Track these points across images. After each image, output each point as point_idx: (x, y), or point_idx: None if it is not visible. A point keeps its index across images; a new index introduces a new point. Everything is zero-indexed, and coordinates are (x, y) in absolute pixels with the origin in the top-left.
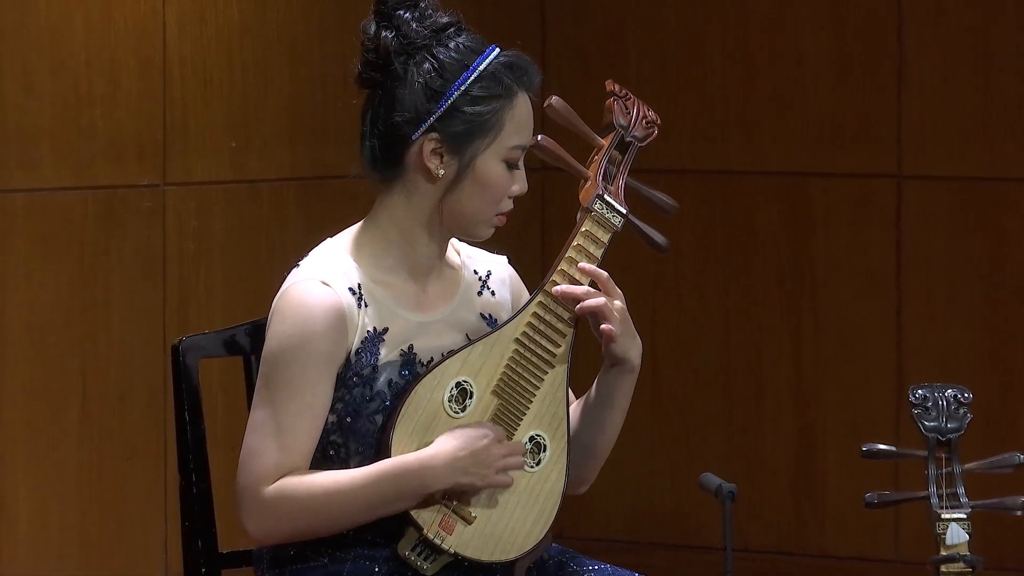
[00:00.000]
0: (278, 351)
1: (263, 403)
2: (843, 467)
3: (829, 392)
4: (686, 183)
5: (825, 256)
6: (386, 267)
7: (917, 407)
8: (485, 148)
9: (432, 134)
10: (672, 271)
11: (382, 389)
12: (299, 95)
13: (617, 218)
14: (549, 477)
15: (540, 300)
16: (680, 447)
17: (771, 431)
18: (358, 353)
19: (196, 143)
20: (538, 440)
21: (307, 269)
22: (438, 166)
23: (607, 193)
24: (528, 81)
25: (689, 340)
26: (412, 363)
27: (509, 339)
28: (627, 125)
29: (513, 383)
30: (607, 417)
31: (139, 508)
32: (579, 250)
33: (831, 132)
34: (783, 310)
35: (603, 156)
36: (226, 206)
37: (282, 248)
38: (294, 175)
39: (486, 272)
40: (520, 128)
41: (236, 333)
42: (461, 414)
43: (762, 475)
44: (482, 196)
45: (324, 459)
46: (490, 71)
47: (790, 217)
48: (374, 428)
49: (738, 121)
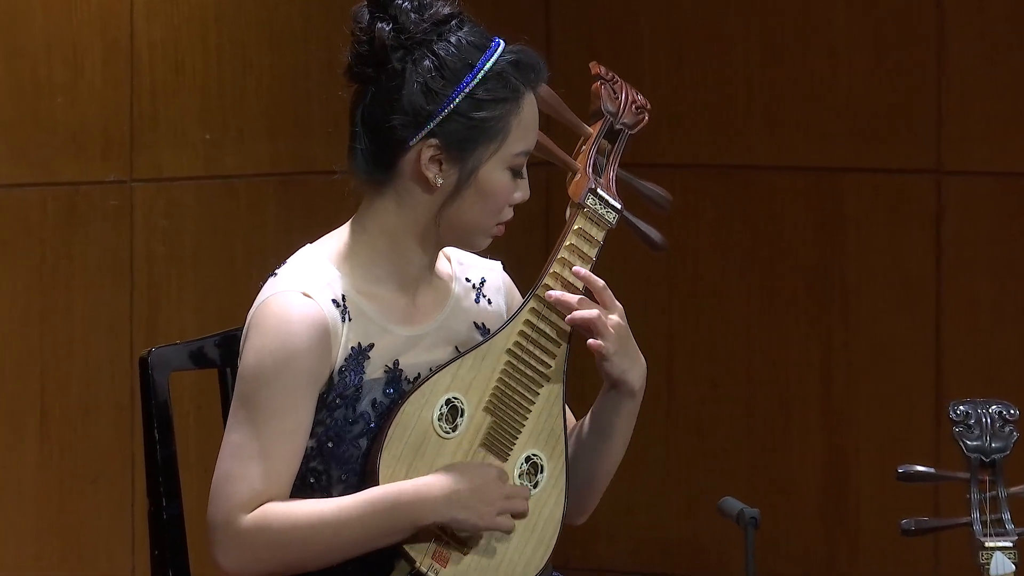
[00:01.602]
0: (256, 369)
1: (240, 425)
2: (877, 491)
3: (862, 408)
4: (704, 179)
5: (857, 260)
6: (373, 278)
7: (958, 425)
8: (489, 156)
9: (431, 140)
10: (689, 276)
11: (366, 410)
12: (280, 82)
13: (611, 214)
14: (547, 501)
15: (532, 306)
16: (697, 468)
17: (798, 451)
18: (342, 372)
19: (166, 135)
20: (535, 460)
21: (287, 279)
22: (437, 175)
23: (599, 187)
24: (535, 79)
25: (707, 351)
26: (397, 380)
27: (500, 350)
28: (616, 111)
29: (506, 398)
30: (605, 445)
31: (104, 536)
32: (572, 250)
33: (864, 123)
34: (811, 319)
35: (592, 146)
36: (199, 205)
37: (260, 251)
38: (274, 171)
39: (479, 279)
40: (526, 133)
41: (210, 344)
42: (452, 434)
43: (788, 499)
44: (483, 206)
45: (303, 487)
46: (496, 71)
47: (819, 217)
48: (358, 453)
49: (762, 111)
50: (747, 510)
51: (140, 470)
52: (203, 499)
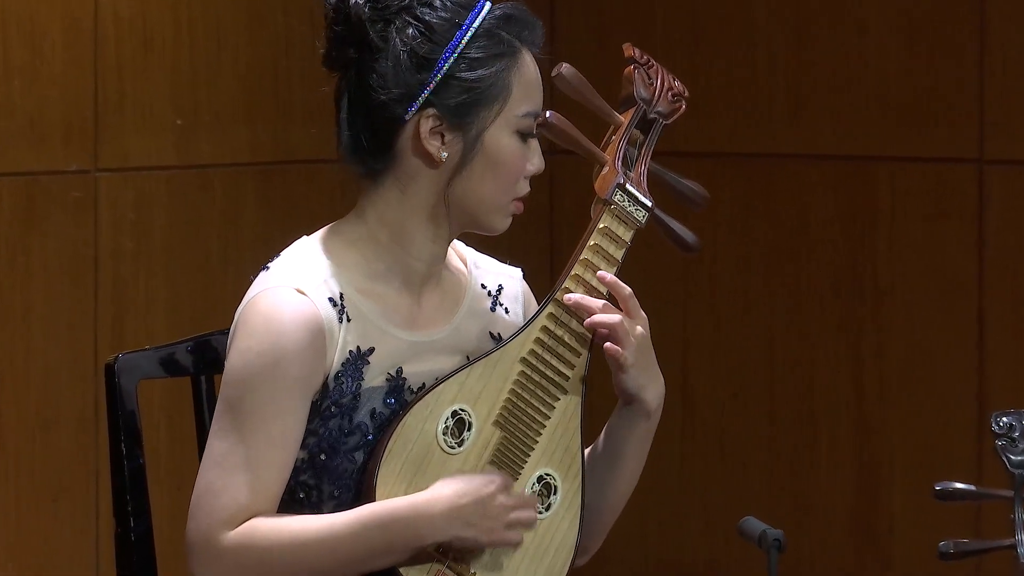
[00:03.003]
0: (244, 372)
1: (224, 432)
2: (912, 510)
3: (896, 420)
4: (723, 170)
5: (891, 257)
6: (374, 274)
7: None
8: (493, 118)
9: (428, 110)
10: (706, 275)
11: (363, 421)
12: (258, 62)
13: (641, 212)
14: (560, 525)
15: (550, 312)
16: (716, 486)
17: (826, 467)
18: (337, 377)
19: (134, 120)
20: (548, 480)
21: (279, 273)
22: (440, 147)
23: (629, 182)
24: (530, 36)
25: (726, 358)
26: (400, 390)
27: (514, 359)
28: (650, 99)
29: (519, 412)
30: (615, 470)
31: (65, 559)
32: (596, 251)
33: (899, 109)
34: (840, 322)
35: (622, 137)
36: (170, 197)
37: (237, 248)
38: (253, 159)
39: (496, 286)
40: (529, 91)
41: (182, 350)
42: (458, 449)
43: (815, 520)
44: (496, 177)
45: (292, 503)
46: (485, 27)
47: (849, 210)
48: (353, 468)
49: (787, 96)
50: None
51: (105, 487)
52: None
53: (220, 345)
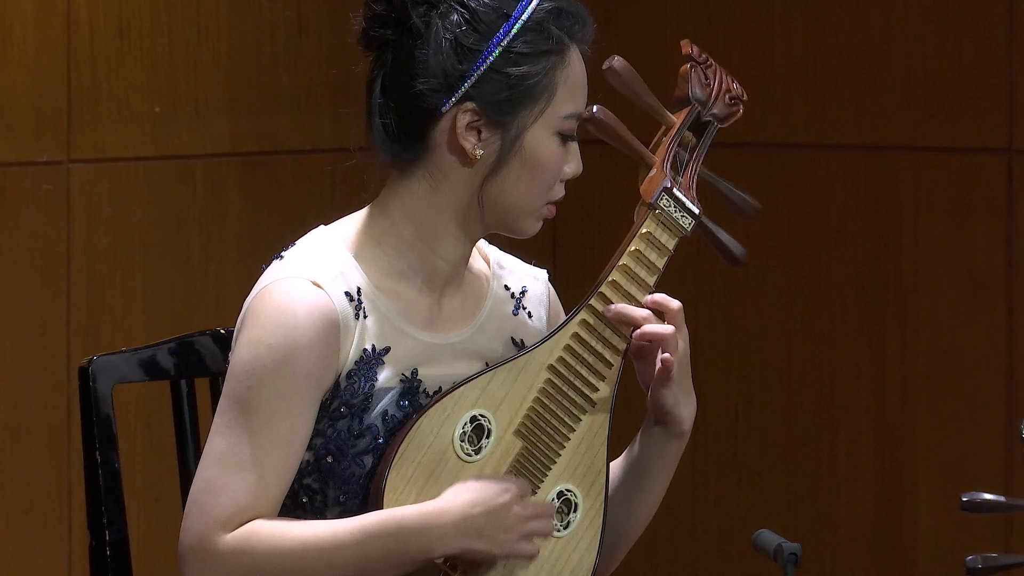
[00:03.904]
0: (251, 365)
1: (227, 429)
2: (938, 523)
3: (920, 427)
4: (737, 160)
5: (915, 254)
6: (396, 272)
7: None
8: (535, 119)
9: (467, 104)
10: (719, 273)
11: (374, 423)
12: (241, 47)
13: (687, 220)
14: (578, 546)
15: (583, 319)
16: (730, 497)
17: (846, 477)
18: (350, 376)
19: (109, 110)
20: (568, 497)
21: (293, 263)
22: (476, 144)
23: (677, 187)
24: (581, 32)
25: (740, 361)
26: (415, 393)
27: (541, 366)
28: (706, 100)
29: (542, 422)
30: (640, 493)
31: (37, 573)
32: (636, 258)
33: (924, 96)
34: (861, 323)
35: (673, 138)
36: (148, 189)
37: (220, 243)
38: (235, 150)
39: (520, 288)
40: (575, 91)
41: (161, 352)
42: (475, 457)
43: (835, 533)
44: (532, 180)
45: (294, 507)
46: (535, 20)
47: (871, 204)
48: (361, 472)
49: (806, 82)
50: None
51: (79, 497)
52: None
53: (202, 347)
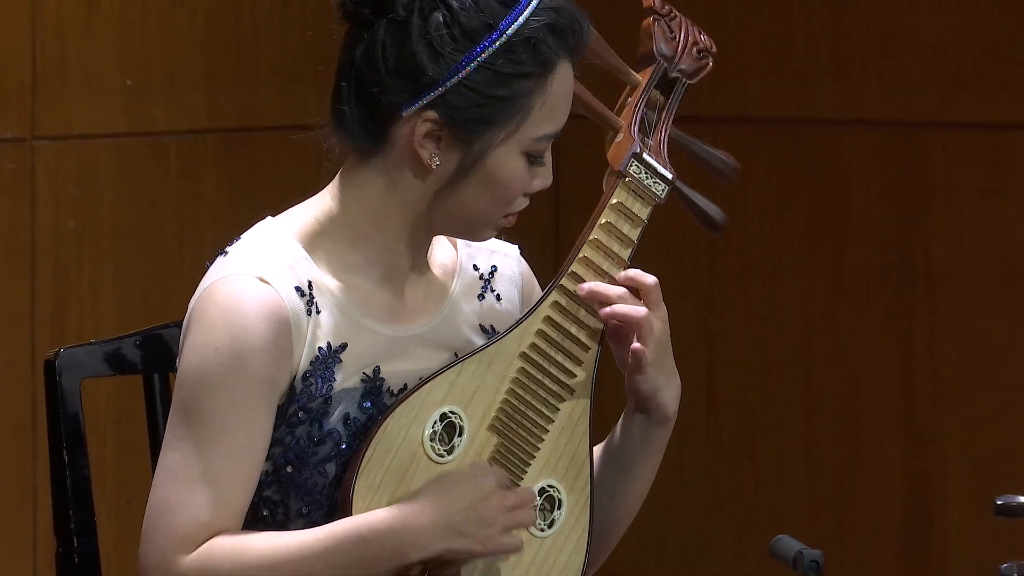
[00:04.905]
0: (199, 372)
1: (179, 442)
2: (970, 527)
3: (951, 425)
4: (755, 137)
5: (946, 238)
6: (352, 265)
7: None
8: (503, 140)
9: (430, 112)
10: (734, 258)
11: (335, 428)
12: (220, 15)
13: (660, 186)
14: (565, 545)
15: (555, 300)
16: (745, 500)
17: (871, 478)
18: (306, 378)
19: (77, 83)
20: (551, 493)
21: (239, 259)
22: (433, 154)
23: (646, 151)
24: (574, 42)
25: (757, 354)
26: (378, 392)
27: (512, 354)
28: (672, 55)
29: (518, 415)
30: (626, 484)
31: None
32: (608, 231)
33: (955, 69)
34: (888, 313)
35: (639, 99)
36: (119, 168)
37: (196, 226)
38: (213, 126)
39: (489, 268)
40: (555, 112)
41: (132, 344)
42: (448, 458)
43: (859, 538)
44: (491, 197)
45: (255, 522)
46: (524, 36)
47: (898, 184)
48: (324, 481)
49: (828, 55)
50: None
51: (45, 501)
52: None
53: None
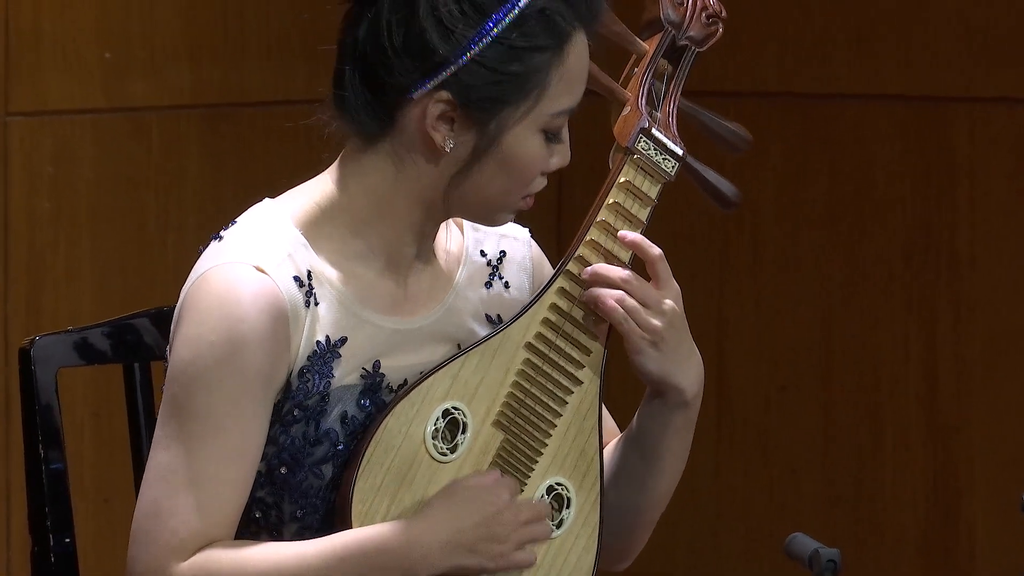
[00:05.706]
0: (192, 367)
1: (170, 441)
2: (996, 525)
3: (977, 417)
4: (772, 112)
5: (972, 220)
6: (353, 253)
7: None
8: (520, 118)
9: (442, 93)
10: (748, 241)
11: (332, 427)
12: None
13: (670, 162)
14: (575, 545)
15: (561, 286)
16: (759, 497)
17: (892, 474)
18: (302, 374)
19: (52, 55)
20: (559, 492)
21: (233, 246)
22: (446, 137)
23: (655, 125)
24: (589, 13)
25: (771, 343)
26: (377, 389)
27: (517, 345)
28: (680, 21)
29: (524, 409)
30: (652, 472)
31: None
32: (615, 211)
33: (982, 40)
34: (910, 299)
35: (647, 69)
36: (97, 146)
37: (179, 207)
38: (196, 101)
39: (498, 254)
40: (572, 85)
41: (110, 332)
42: (451, 456)
43: (879, 537)
44: (508, 178)
45: (247, 523)
46: (538, 8)
47: (922, 163)
48: (320, 484)
49: (847, 26)
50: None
51: (18, 498)
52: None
53: (158, 325)
